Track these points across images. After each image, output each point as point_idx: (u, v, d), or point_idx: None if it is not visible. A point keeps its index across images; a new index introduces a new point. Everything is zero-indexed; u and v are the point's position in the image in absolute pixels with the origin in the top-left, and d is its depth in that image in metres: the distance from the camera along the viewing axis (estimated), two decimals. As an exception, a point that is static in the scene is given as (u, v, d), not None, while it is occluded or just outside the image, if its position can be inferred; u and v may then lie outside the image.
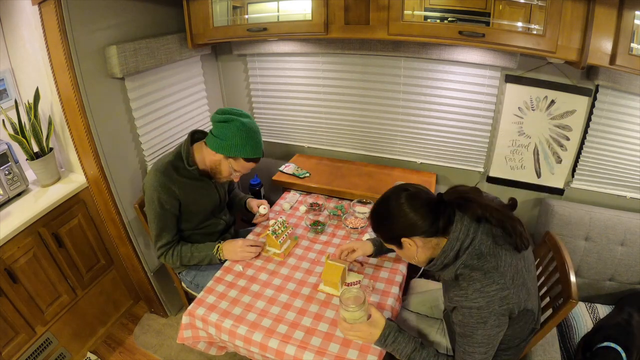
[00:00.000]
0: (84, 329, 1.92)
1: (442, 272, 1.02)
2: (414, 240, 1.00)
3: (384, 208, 1.04)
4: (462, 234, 0.95)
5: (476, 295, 0.91)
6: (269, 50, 2.01)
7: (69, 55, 1.40)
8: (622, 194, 1.71)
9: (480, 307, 0.91)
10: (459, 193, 1.00)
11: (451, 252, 0.96)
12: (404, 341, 1.06)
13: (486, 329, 0.92)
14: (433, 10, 1.37)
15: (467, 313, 0.93)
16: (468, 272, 0.94)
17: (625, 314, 1.45)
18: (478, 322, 0.92)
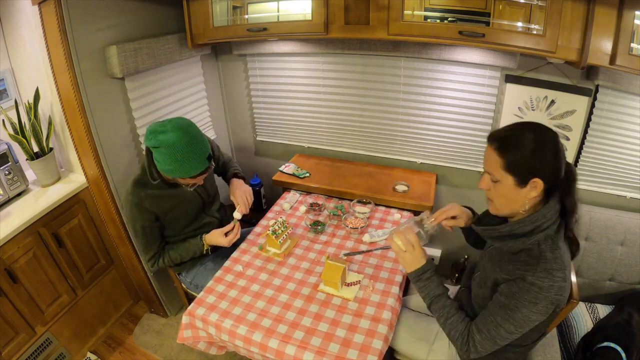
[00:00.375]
0: (84, 329, 1.92)
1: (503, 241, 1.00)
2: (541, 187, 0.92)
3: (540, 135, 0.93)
4: (550, 214, 0.93)
5: (544, 274, 0.89)
6: (269, 50, 2.01)
7: (69, 55, 1.40)
8: (622, 194, 1.71)
9: (542, 288, 0.89)
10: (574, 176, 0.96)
11: (529, 226, 0.93)
12: (435, 285, 1.09)
13: (532, 311, 0.90)
14: (433, 10, 1.37)
15: (525, 287, 0.90)
16: (541, 250, 0.92)
17: (625, 314, 1.45)
18: (530, 301, 0.90)
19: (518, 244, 0.96)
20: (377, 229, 1.65)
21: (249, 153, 2.52)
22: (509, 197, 0.96)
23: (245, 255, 1.54)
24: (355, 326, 1.20)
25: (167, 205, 1.46)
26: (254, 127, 2.38)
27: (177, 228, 1.55)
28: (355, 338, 1.15)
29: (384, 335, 1.17)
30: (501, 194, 0.98)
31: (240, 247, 1.59)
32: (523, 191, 0.94)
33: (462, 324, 1.04)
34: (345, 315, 1.24)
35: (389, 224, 1.69)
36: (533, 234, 0.93)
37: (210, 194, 1.64)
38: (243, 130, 2.44)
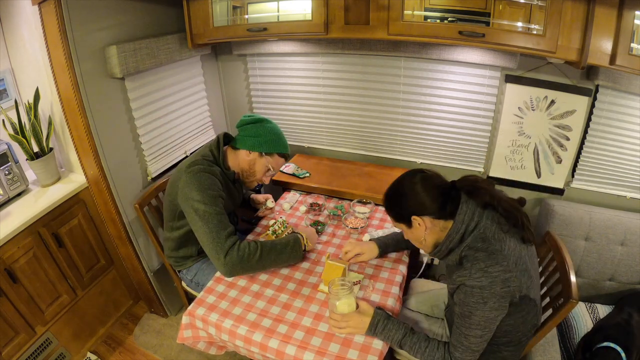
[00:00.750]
0: (84, 329, 1.92)
1: (447, 257, 1.06)
2: (424, 220, 1.03)
3: (398, 186, 1.09)
4: (467, 217, 0.99)
5: (479, 274, 0.93)
6: (269, 50, 2.01)
7: (69, 55, 1.40)
8: (622, 194, 1.71)
9: (483, 287, 0.92)
10: (470, 181, 1.04)
11: (456, 235, 1.00)
12: (394, 327, 1.11)
13: (485, 310, 0.94)
14: (433, 10, 1.37)
15: (468, 292, 0.95)
16: (472, 253, 0.96)
17: (625, 314, 1.45)
18: (478, 302, 0.94)
19: (455, 256, 1.03)
20: (377, 229, 1.65)
21: (249, 153, 2.52)
22: (413, 238, 1.12)
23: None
24: (355, 326, 1.19)
25: (225, 190, 1.42)
26: (254, 127, 2.38)
27: None
28: (356, 338, 1.15)
29: (384, 335, 1.17)
30: (410, 238, 1.15)
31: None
32: (414, 230, 1.07)
33: (437, 350, 1.06)
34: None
35: (389, 224, 1.69)
36: (463, 240, 1.00)
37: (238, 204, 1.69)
38: (243, 130, 2.44)
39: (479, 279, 0.93)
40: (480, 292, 0.93)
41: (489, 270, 0.92)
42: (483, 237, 0.97)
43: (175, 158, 2.00)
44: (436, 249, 1.07)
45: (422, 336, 1.10)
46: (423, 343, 1.08)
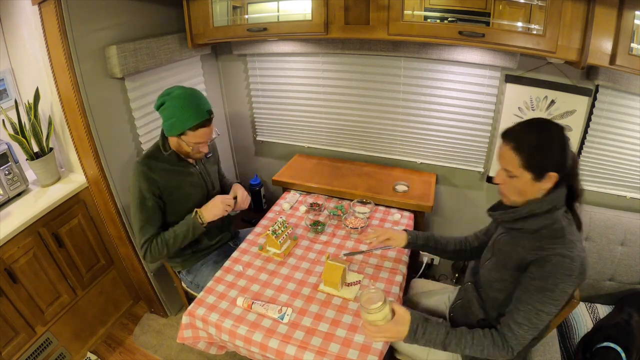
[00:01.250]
0: (84, 329, 1.92)
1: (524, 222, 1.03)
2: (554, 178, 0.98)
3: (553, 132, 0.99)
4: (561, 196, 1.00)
5: (571, 245, 0.94)
6: (269, 50, 2.01)
7: (69, 55, 1.40)
8: (622, 194, 1.71)
9: (572, 258, 0.92)
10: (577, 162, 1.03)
11: (547, 205, 0.99)
12: (435, 330, 1.04)
13: (568, 283, 0.93)
14: (433, 10, 1.37)
15: (559, 262, 0.93)
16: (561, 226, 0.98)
17: (625, 314, 1.45)
18: (565, 274, 0.93)
19: (539, 221, 1.01)
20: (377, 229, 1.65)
21: (249, 153, 2.52)
22: (525, 189, 1.02)
23: (245, 255, 1.54)
24: (355, 326, 1.20)
25: (174, 181, 1.48)
26: (254, 127, 2.38)
27: (179, 213, 1.50)
28: (356, 338, 1.15)
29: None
30: (517, 187, 1.03)
31: (241, 247, 1.59)
32: (538, 184, 0.99)
33: (485, 337, 1.02)
34: (346, 315, 1.24)
35: (389, 223, 1.69)
36: (551, 211, 0.99)
37: (215, 187, 1.67)
38: (243, 130, 2.44)
39: (571, 249, 0.94)
40: (570, 263, 0.92)
41: (577, 244, 0.95)
42: (568, 217, 1.01)
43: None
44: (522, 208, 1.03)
45: (464, 330, 1.04)
46: (468, 335, 1.03)
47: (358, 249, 1.54)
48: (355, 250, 1.53)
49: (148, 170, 1.42)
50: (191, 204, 1.53)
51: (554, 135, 0.99)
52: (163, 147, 1.48)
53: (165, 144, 1.48)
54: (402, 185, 1.85)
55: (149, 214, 1.44)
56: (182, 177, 1.51)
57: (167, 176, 1.46)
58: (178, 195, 1.50)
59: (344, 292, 1.32)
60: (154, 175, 1.43)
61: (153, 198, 1.43)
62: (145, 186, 1.41)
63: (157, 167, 1.45)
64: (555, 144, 0.98)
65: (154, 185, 1.43)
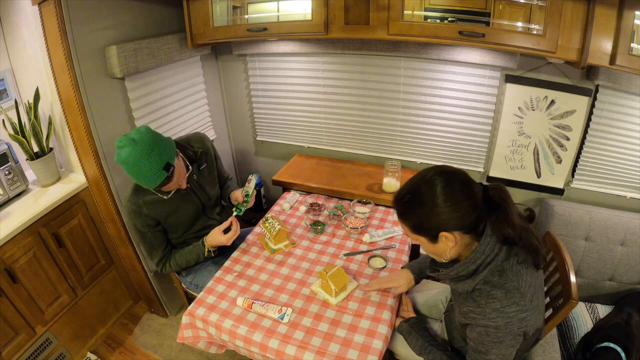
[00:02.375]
0: (84, 329, 1.92)
1: (456, 284, 0.97)
2: (454, 235, 0.89)
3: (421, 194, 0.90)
4: (489, 248, 0.89)
5: (495, 314, 0.87)
6: (269, 50, 2.01)
7: (69, 55, 1.40)
8: (622, 194, 1.71)
9: (498, 327, 0.87)
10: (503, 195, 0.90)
11: (472, 265, 0.91)
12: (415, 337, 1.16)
13: (501, 348, 0.90)
14: (433, 10, 1.37)
15: (483, 331, 0.90)
16: (488, 289, 0.89)
17: (625, 314, 1.45)
18: (494, 342, 0.89)
19: (466, 285, 0.93)
20: (377, 229, 1.65)
21: (249, 153, 2.52)
22: (433, 251, 0.98)
23: (245, 255, 1.54)
24: (355, 326, 1.20)
25: (166, 210, 1.46)
26: (254, 127, 2.38)
27: (178, 231, 1.55)
28: (355, 338, 1.15)
29: (384, 335, 1.17)
30: (426, 250, 0.99)
31: (240, 247, 1.59)
32: (439, 245, 0.93)
33: None
34: (345, 315, 1.24)
35: (389, 224, 1.69)
36: (478, 272, 0.91)
37: (211, 197, 1.63)
38: (243, 130, 2.44)
39: (495, 319, 0.87)
40: (495, 332, 0.88)
41: (506, 310, 0.86)
42: (500, 271, 0.89)
43: (175, 158, 2.00)
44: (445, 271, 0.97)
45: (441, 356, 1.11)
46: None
47: (358, 249, 1.54)
48: (355, 250, 1.53)
49: (137, 208, 1.40)
50: (188, 221, 1.56)
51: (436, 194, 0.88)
52: None
53: None
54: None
55: (151, 242, 1.50)
56: (174, 203, 1.46)
57: (157, 208, 1.43)
58: (174, 219, 1.50)
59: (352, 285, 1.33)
60: (144, 210, 1.41)
61: (150, 229, 1.46)
62: (139, 223, 1.43)
63: (145, 202, 1.40)
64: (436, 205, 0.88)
65: (147, 219, 1.43)
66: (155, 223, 1.46)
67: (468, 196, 0.88)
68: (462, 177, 0.91)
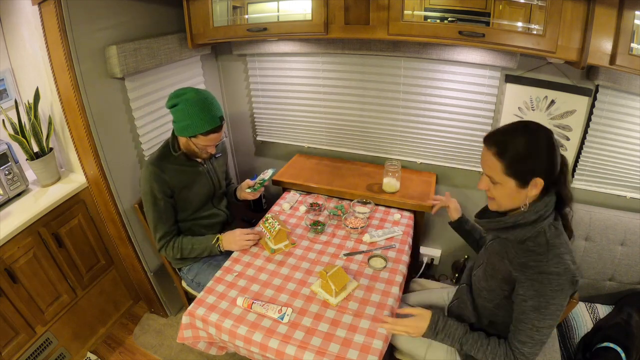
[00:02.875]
0: (84, 329, 1.92)
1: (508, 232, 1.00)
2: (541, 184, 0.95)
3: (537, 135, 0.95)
4: (550, 204, 0.96)
5: (556, 260, 0.91)
6: (269, 50, 2.01)
7: (69, 55, 1.40)
8: (622, 194, 1.71)
9: (559, 274, 0.90)
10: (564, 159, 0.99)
11: (533, 215, 0.96)
12: (455, 325, 1.08)
13: (561, 298, 0.92)
14: (433, 10, 1.37)
15: (545, 280, 0.91)
16: (547, 238, 0.94)
17: (625, 315, 1.45)
18: (555, 290, 0.91)
19: (524, 232, 0.97)
20: (377, 229, 1.65)
21: (249, 153, 2.52)
22: (511, 196, 0.99)
23: (245, 255, 1.54)
24: (355, 326, 1.20)
25: (184, 181, 1.53)
26: (254, 127, 2.38)
27: (188, 210, 1.59)
28: (355, 338, 1.15)
29: (384, 335, 1.17)
30: (502, 194, 1.00)
31: (240, 247, 1.59)
32: (524, 191, 0.97)
33: (500, 347, 1.03)
34: (345, 315, 1.24)
35: (389, 224, 1.69)
36: (537, 222, 0.96)
37: (221, 186, 1.72)
38: (243, 130, 2.44)
39: (557, 264, 0.91)
40: (557, 279, 0.90)
41: (564, 257, 0.91)
42: (556, 227, 0.96)
43: (175, 158, 2.00)
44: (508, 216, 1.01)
45: (482, 334, 1.07)
46: (484, 340, 1.05)
47: (358, 249, 1.54)
48: (355, 250, 1.53)
49: (159, 171, 1.47)
50: (198, 201, 1.61)
51: (540, 139, 0.94)
52: (173, 148, 1.52)
53: (175, 144, 1.52)
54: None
55: (161, 212, 1.51)
56: (191, 177, 1.56)
57: (177, 176, 1.51)
58: (187, 194, 1.55)
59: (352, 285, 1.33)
60: (165, 175, 1.48)
61: (164, 198, 1.49)
62: (156, 187, 1.46)
63: (168, 168, 1.49)
64: (540, 148, 0.93)
65: (165, 186, 1.48)
66: (170, 193, 1.50)
67: (558, 152, 0.95)
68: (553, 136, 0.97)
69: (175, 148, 1.52)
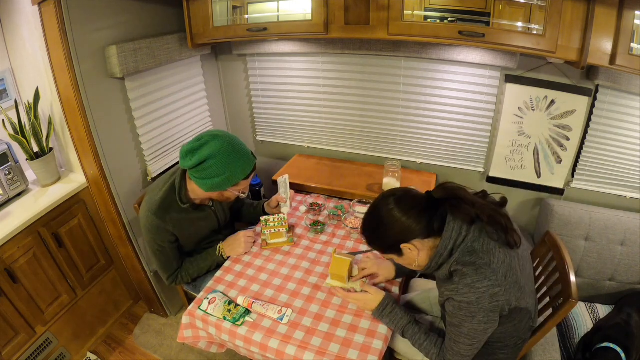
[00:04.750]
0: (84, 329, 1.92)
1: (438, 272, 1.04)
2: (413, 244, 0.99)
3: (375, 217, 1.03)
4: (455, 232, 0.96)
5: (466, 290, 0.92)
6: (269, 50, 2.01)
7: (69, 55, 1.40)
8: (622, 194, 1.71)
9: (470, 302, 0.92)
10: (447, 190, 0.99)
11: (445, 251, 0.97)
12: (401, 313, 1.15)
13: (473, 323, 0.94)
14: (433, 10, 1.37)
15: (457, 306, 0.95)
16: (460, 268, 0.94)
17: (625, 315, 1.45)
18: (466, 316, 0.94)
19: (446, 269, 0.99)
20: (377, 229, 1.65)
21: (249, 153, 2.52)
22: (409, 261, 1.06)
23: (245, 255, 1.53)
24: (355, 326, 1.20)
25: (188, 229, 1.46)
26: (254, 127, 2.38)
27: (189, 246, 1.54)
28: (356, 338, 1.15)
29: (384, 335, 1.17)
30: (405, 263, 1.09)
31: (240, 247, 1.59)
32: (406, 256, 1.03)
33: (434, 346, 1.09)
34: (346, 315, 1.24)
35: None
36: (452, 254, 0.97)
37: (223, 222, 1.65)
38: (243, 130, 2.44)
39: (467, 294, 0.92)
40: (468, 307, 0.93)
41: (477, 285, 0.91)
42: (471, 251, 0.94)
43: (175, 158, 2.00)
44: (426, 266, 1.04)
45: (423, 328, 1.13)
46: (423, 335, 1.11)
47: (358, 249, 1.54)
48: (355, 250, 1.53)
49: (162, 223, 1.37)
50: (200, 239, 1.56)
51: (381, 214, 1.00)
52: (180, 199, 1.39)
53: (182, 194, 1.40)
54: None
55: (167, 257, 1.47)
56: (197, 223, 1.50)
57: (180, 225, 1.43)
58: (189, 234, 1.49)
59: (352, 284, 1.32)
60: (168, 227, 1.39)
61: (169, 244, 1.44)
62: (160, 238, 1.40)
63: (171, 219, 1.39)
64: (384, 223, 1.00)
65: (168, 235, 1.41)
66: (174, 239, 1.45)
67: (412, 206, 0.98)
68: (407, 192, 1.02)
69: (184, 199, 1.40)
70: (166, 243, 1.42)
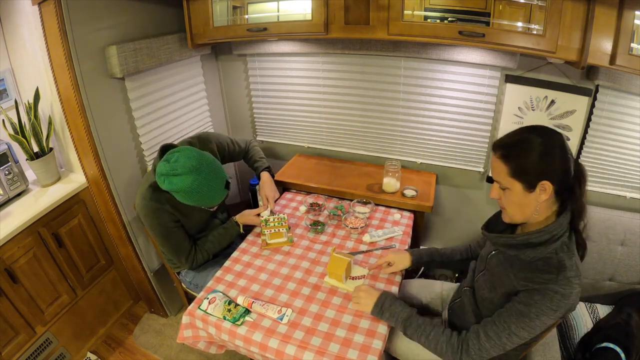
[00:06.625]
0: (84, 329, 1.92)
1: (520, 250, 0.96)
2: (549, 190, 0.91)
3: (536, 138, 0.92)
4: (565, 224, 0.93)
5: (565, 282, 0.88)
6: (269, 50, 2.01)
7: (69, 55, 1.40)
8: (622, 194, 1.71)
9: (564, 295, 0.88)
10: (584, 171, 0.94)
11: (546, 235, 0.92)
12: (401, 306, 1.13)
13: (551, 317, 0.90)
14: (433, 10, 1.37)
15: (549, 296, 0.89)
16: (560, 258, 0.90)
17: (625, 315, 1.45)
18: (551, 309, 0.89)
19: (535, 253, 0.94)
20: (377, 229, 1.65)
21: (249, 153, 2.52)
22: (520, 203, 0.96)
23: (245, 255, 1.54)
24: (355, 326, 1.20)
25: (185, 208, 1.46)
26: (254, 127, 2.38)
27: (191, 231, 1.55)
28: (355, 338, 1.15)
29: (383, 335, 1.17)
30: (512, 201, 0.97)
31: (240, 246, 1.59)
32: (532, 195, 0.93)
33: (443, 334, 1.04)
34: (346, 315, 1.24)
35: (389, 224, 1.69)
36: (550, 242, 0.92)
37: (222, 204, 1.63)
38: (243, 130, 2.44)
39: (564, 286, 0.88)
40: (560, 299, 0.88)
41: (574, 282, 0.89)
42: (569, 248, 0.93)
43: (175, 158, 2.00)
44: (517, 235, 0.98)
45: (428, 320, 1.08)
46: (428, 326, 1.06)
47: (358, 249, 1.54)
48: (355, 250, 1.53)
49: (161, 205, 1.40)
50: (201, 221, 1.59)
51: (546, 140, 0.92)
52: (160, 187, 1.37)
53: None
54: (411, 190, 1.81)
55: (177, 238, 1.47)
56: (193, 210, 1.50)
57: (178, 205, 1.43)
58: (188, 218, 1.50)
59: (348, 285, 1.32)
60: (166, 206, 1.41)
61: (174, 224, 1.45)
62: (165, 219, 1.42)
63: (167, 199, 1.41)
64: (546, 150, 0.91)
65: (170, 215, 1.43)
66: (177, 219, 1.46)
67: (569, 157, 0.92)
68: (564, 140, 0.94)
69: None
70: (171, 223, 1.43)
